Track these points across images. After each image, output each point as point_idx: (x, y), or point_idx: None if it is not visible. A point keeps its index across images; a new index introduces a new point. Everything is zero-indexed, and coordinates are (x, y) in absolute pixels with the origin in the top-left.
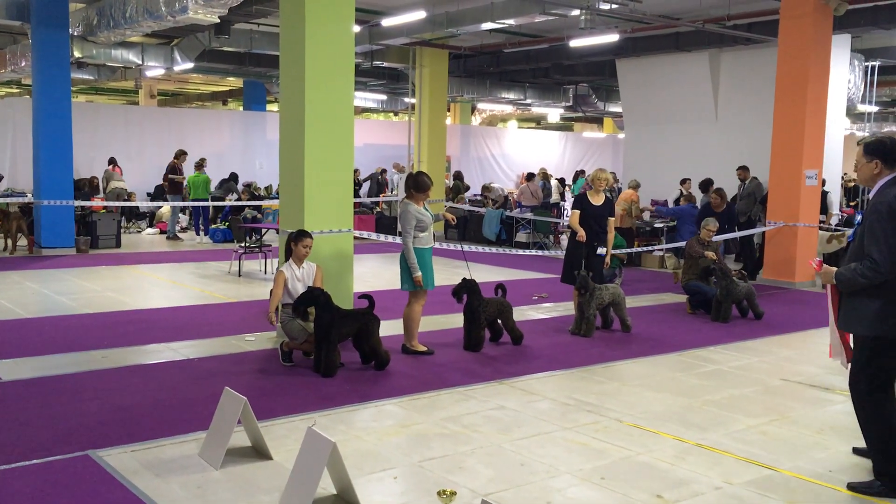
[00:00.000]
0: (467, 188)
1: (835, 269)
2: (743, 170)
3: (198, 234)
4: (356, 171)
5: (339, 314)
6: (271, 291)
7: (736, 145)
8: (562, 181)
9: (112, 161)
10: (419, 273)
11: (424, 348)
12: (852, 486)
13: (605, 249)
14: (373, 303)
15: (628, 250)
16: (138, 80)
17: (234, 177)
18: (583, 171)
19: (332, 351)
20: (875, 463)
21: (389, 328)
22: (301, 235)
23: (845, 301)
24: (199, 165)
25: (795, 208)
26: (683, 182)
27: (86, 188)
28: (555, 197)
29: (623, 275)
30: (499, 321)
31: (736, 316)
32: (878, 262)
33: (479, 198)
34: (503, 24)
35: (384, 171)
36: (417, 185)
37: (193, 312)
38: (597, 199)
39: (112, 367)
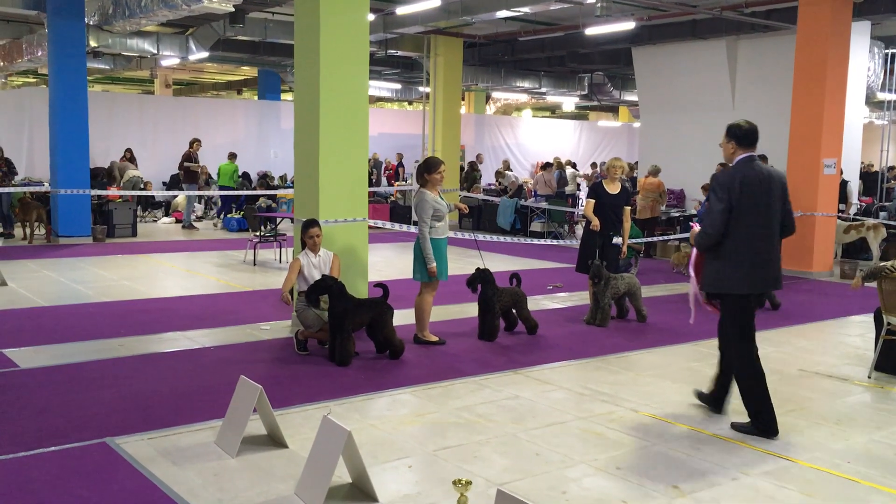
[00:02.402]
0: (480, 176)
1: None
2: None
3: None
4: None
5: (353, 303)
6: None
7: None
8: (573, 165)
9: (125, 154)
10: (434, 264)
11: (436, 338)
12: (734, 426)
13: (620, 239)
14: (387, 292)
15: (646, 240)
16: (153, 69)
17: (246, 176)
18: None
19: (346, 340)
20: (748, 405)
21: (403, 317)
22: (307, 225)
23: (704, 265)
24: (233, 156)
25: (813, 197)
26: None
27: (104, 178)
28: (570, 187)
29: (639, 264)
30: (513, 311)
31: None
32: (707, 225)
33: (492, 186)
34: (518, 11)
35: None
36: (428, 165)
37: (209, 301)
38: (612, 188)
39: (128, 355)
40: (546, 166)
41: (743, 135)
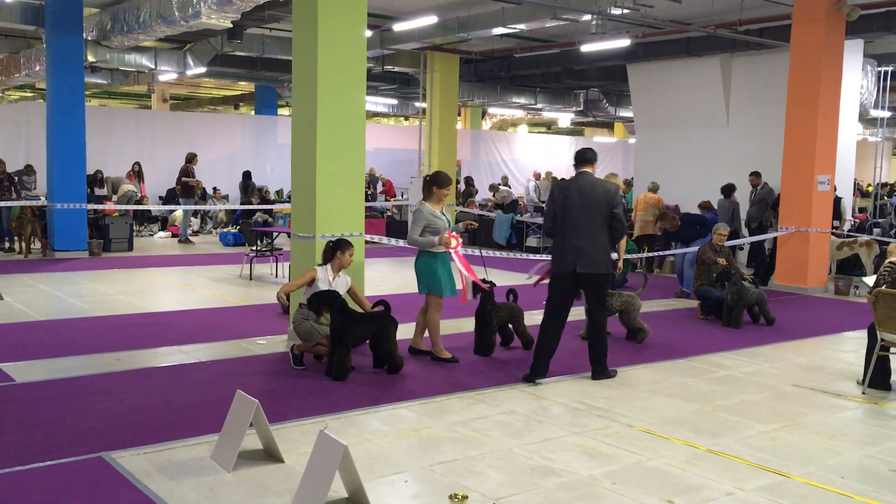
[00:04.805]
0: (476, 192)
1: None
2: (755, 176)
3: None
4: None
5: (355, 318)
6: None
7: (747, 150)
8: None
9: (133, 167)
10: (437, 238)
11: (448, 355)
12: (524, 377)
13: (615, 255)
14: (388, 306)
15: (647, 254)
16: (151, 84)
17: (247, 174)
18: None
19: (344, 355)
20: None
21: (399, 332)
22: (349, 244)
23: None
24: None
25: (807, 214)
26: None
27: (95, 185)
28: None
29: (649, 281)
30: (510, 326)
31: (747, 321)
32: (545, 223)
33: (487, 201)
34: (514, 28)
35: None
36: (438, 180)
37: (205, 315)
38: None
39: (124, 369)
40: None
41: (575, 157)
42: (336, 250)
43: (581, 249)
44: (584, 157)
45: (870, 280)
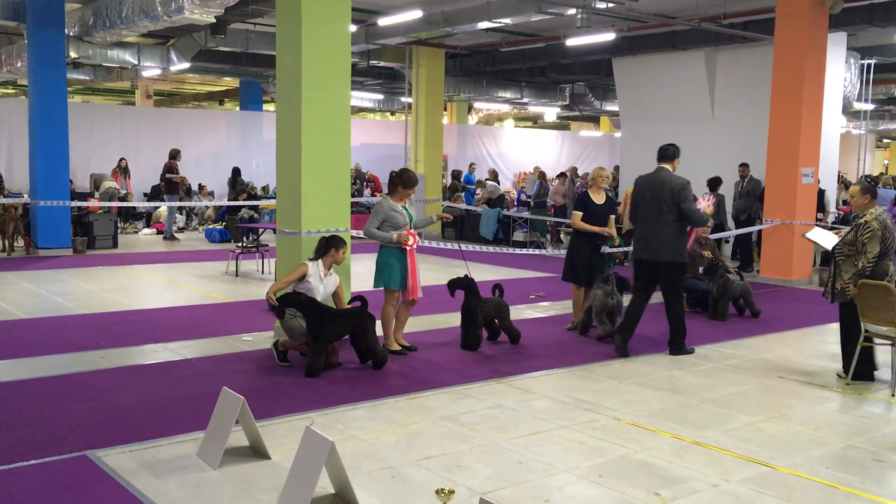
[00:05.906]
0: (464, 188)
1: None
2: (744, 167)
3: None
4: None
5: (329, 315)
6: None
7: (733, 144)
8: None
9: (119, 163)
10: (395, 232)
11: (398, 347)
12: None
13: (608, 248)
14: (366, 302)
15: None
16: (134, 80)
17: (236, 170)
18: None
19: (318, 352)
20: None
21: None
22: (343, 242)
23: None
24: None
25: (792, 206)
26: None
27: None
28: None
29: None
30: (496, 321)
31: (733, 314)
32: (630, 215)
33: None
34: (499, 23)
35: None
36: (405, 180)
37: (191, 312)
38: (598, 198)
39: (110, 367)
40: (560, 176)
41: (657, 154)
42: (330, 247)
43: (648, 239)
44: (664, 154)
45: (822, 236)
